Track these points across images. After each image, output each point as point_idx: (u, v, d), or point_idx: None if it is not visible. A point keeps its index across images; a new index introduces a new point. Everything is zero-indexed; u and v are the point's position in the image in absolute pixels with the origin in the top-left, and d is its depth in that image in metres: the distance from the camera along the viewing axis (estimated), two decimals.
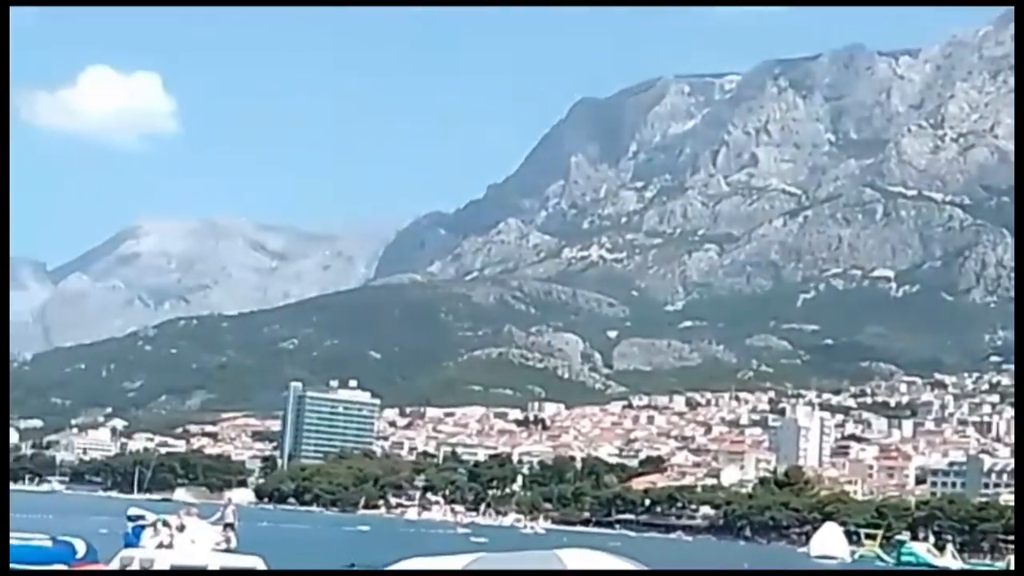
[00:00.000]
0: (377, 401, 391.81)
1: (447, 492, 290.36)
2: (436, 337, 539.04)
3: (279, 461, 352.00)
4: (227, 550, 32.95)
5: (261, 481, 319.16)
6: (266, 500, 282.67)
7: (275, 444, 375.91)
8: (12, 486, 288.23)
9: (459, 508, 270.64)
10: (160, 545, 32.06)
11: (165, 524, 32.55)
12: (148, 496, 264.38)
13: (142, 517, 33.85)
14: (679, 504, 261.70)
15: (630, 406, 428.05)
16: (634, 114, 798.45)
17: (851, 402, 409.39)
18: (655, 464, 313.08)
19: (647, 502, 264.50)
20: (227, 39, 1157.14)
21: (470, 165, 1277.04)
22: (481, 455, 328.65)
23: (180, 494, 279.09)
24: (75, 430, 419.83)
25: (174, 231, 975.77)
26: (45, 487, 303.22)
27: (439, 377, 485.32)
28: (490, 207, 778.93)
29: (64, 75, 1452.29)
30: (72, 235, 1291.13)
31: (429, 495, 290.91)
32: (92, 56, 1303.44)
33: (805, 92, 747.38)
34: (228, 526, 33.69)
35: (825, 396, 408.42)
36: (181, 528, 32.47)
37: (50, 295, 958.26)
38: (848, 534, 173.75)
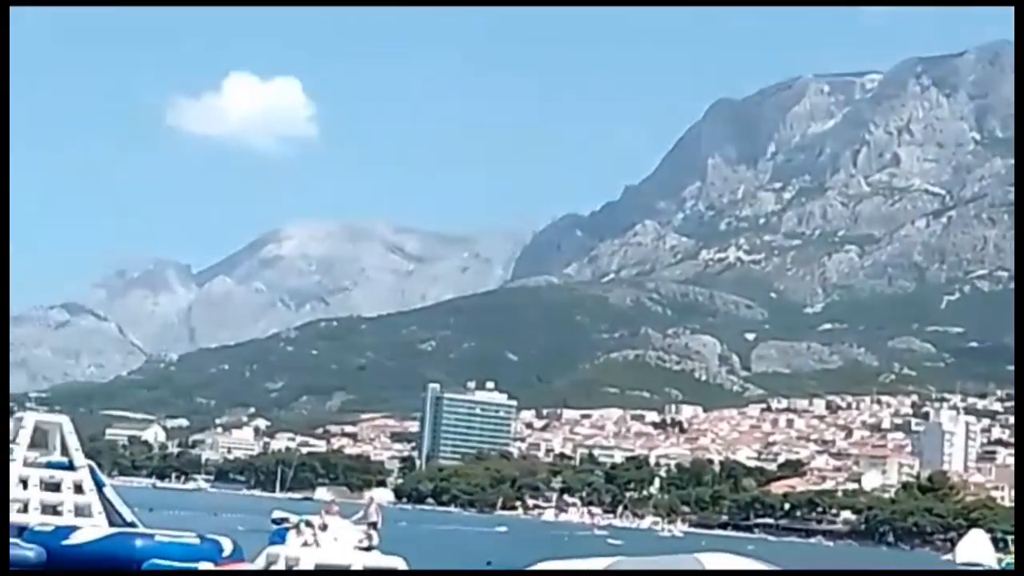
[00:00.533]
0: (514, 403, 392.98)
1: (584, 494, 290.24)
2: (572, 339, 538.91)
3: (417, 462, 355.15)
4: (369, 548, 33.44)
5: (400, 481, 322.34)
6: (405, 500, 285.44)
7: (413, 445, 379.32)
8: (159, 484, 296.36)
9: (596, 510, 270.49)
10: (305, 544, 32.67)
11: (308, 524, 33.13)
12: (290, 495, 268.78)
13: (286, 520, 34.53)
14: (819, 509, 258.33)
15: (769, 409, 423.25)
16: (772, 114, 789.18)
17: (997, 406, 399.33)
18: (794, 468, 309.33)
19: (786, 506, 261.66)
20: (365, 40, 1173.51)
21: (606, 167, 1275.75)
22: (618, 457, 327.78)
23: (321, 493, 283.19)
24: (219, 429, 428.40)
25: (314, 234, 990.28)
26: (191, 485, 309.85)
27: (576, 379, 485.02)
28: (626, 209, 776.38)
29: (208, 81, 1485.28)
30: (216, 238, 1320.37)
31: (566, 497, 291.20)
32: (234, 62, 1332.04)
33: (949, 90, 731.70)
34: (371, 525, 34.18)
35: (970, 400, 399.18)
36: (324, 528, 33.01)
37: (195, 297, 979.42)
38: (995, 541, 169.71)
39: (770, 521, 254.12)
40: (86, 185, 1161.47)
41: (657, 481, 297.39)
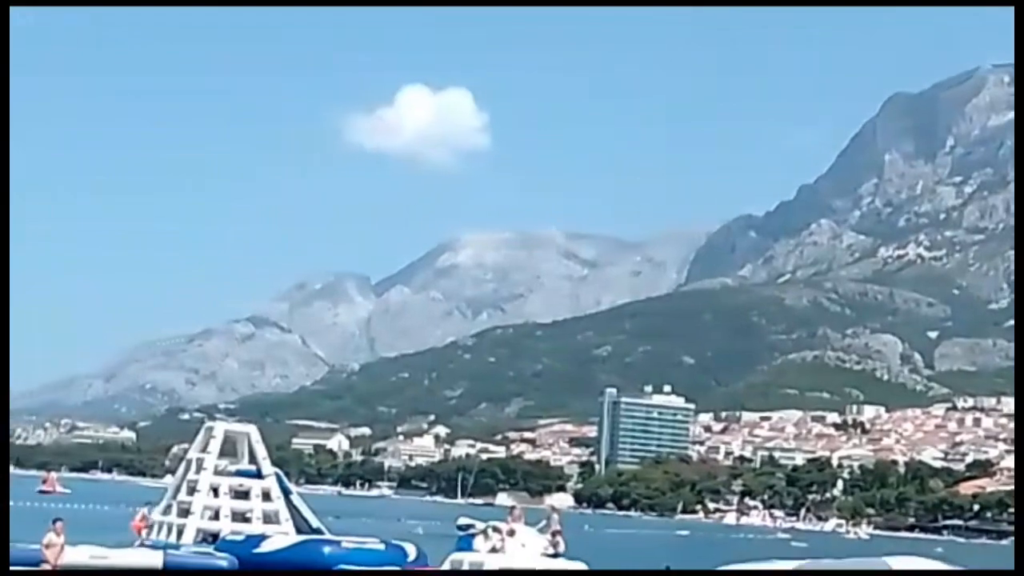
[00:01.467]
0: (691, 406, 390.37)
1: (765, 497, 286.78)
2: (749, 341, 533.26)
3: (596, 466, 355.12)
4: (556, 555, 33.60)
5: (579, 486, 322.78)
6: (584, 505, 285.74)
7: (592, 449, 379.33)
8: (344, 491, 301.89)
9: (778, 513, 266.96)
10: (493, 550, 32.96)
11: (495, 530, 33.40)
12: (471, 501, 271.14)
13: (472, 526, 34.85)
14: (1010, 509, 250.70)
15: (954, 408, 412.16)
16: (950, 107, 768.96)
17: None
18: (983, 468, 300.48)
19: (975, 507, 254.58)
20: (533, 47, 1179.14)
21: (780, 166, 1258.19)
22: (799, 459, 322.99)
23: (502, 499, 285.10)
24: (401, 437, 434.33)
25: (489, 242, 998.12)
26: (375, 492, 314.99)
27: (753, 381, 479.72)
28: (801, 208, 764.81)
29: (382, 96, 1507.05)
30: (393, 249, 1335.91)
31: (747, 500, 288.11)
32: (407, 76, 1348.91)
33: None
34: (554, 533, 34.34)
35: None
36: (512, 533, 33.26)
37: (374, 307, 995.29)
38: None
39: (959, 523, 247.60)
40: (269, 202, 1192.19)
41: (840, 483, 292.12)
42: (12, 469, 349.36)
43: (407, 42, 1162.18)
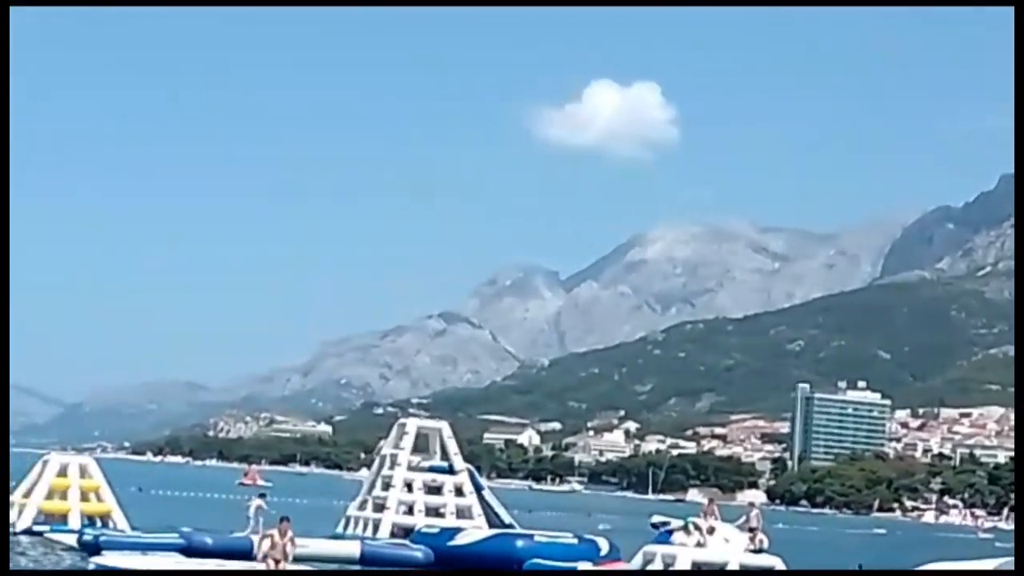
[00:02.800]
0: (888, 402, 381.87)
1: (966, 496, 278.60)
2: (948, 335, 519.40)
3: (789, 463, 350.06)
4: (757, 551, 33.32)
5: (772, 483, 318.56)
6: (777, 501, 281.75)
7: (784, 446, 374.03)
8: (535, 486, 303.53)
9: (979, 512, 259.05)
10: (699, 544, 32.85)
11: (696, 527, 33.26)
12: (661, 497, 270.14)
13: (667, 523, 34.76)
14: None
15: None
16: None
17: None
18: None
19: None
20: (719, 40, 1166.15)
21: (979, 156, 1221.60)
22: (1001, 457, 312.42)
23: (693, 495, 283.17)
24: (591, 432, 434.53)
25: (678, 237, 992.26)
26: (565, 487, 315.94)
27: (952, 376, 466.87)
28: (1002, 198, 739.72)
29: (570, 92, 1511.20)
30: (582, 244, 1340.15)
31: (946, 498, 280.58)
32: (595, 72, 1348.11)
33: None
34: (751, 530, 34.04)
35: None
36: (712, 530, 33.11)
37: (563, 303, 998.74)
38: None
39: None
40: (459, 199, 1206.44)
41: None
42: (215, 462, 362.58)
43: (595, 38, 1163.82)
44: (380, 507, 42.20)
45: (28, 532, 36.32)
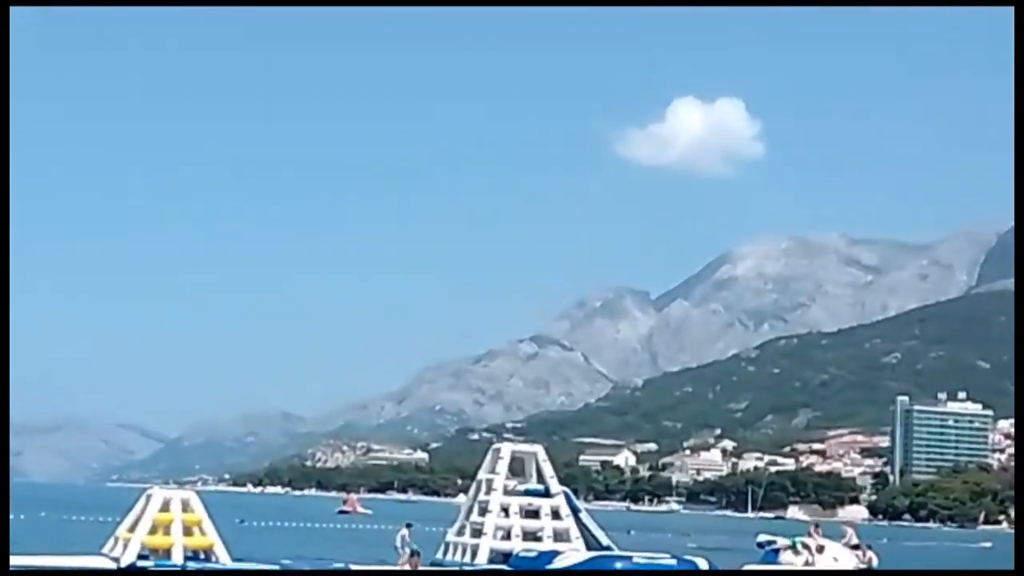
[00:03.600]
0: (990, 412, 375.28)
1: None
2: None
3: (890, 477, 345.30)
4: (868, 570, 33.03)
5: (873, 497, 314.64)
6: (880, 516, 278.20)
7: (885, 460, 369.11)
8: (633, 507, 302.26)
9: None
10: (806, 563, 32.61)
11: (805, 546, 33.02)
12: (761, 515, 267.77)
13: (773, 542, 34.52)
14: None
15: None
16: None
17: None
18: None
19: None
20: (802, 52, 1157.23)
21: None
22: None
23: (793, 512, 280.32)
24: (687, 452, 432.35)
25: (768, 252, 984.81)
26: (663, 507, 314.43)
27: None
28: None
29: (653, 110, 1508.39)
30: (671, 263, 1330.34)
31: None
32: (677, 89, 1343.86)
33: None
34: (856, 547, 33.79)
35: None
36: (821, 549, 32.85)
37: (655, 322, 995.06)
38: None
39: None
40: (544, 221, 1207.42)
41: None
42: (313, 492, 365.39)
43: (675, 57, 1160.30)
44: (478, 532, 42.29)
45: (132, 568, 36.89)
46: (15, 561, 37.24)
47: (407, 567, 29.18)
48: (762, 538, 35.95)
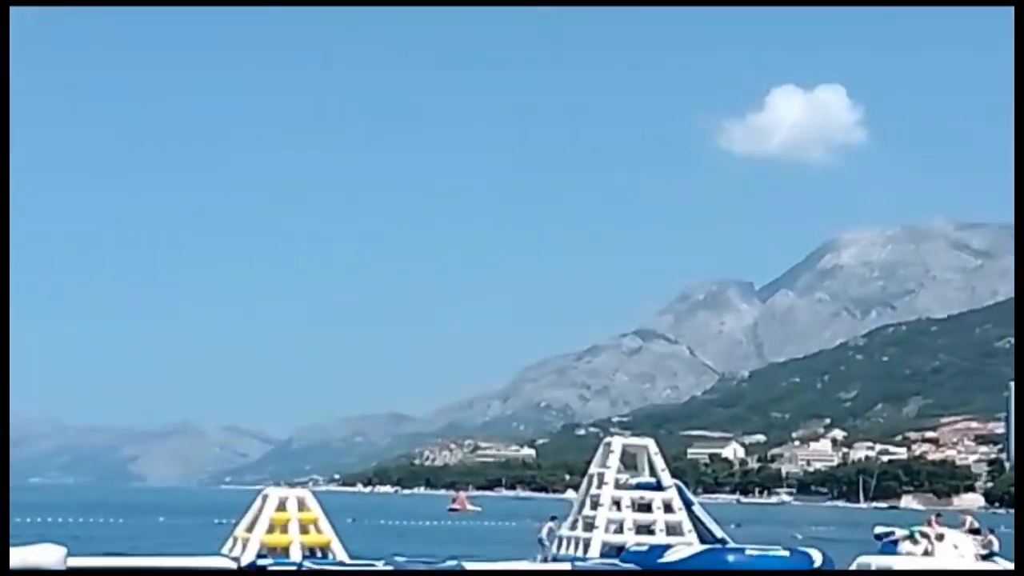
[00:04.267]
0: None
1: None
2: None
3: (1006, 464, 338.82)
4: (989, 555, 32.62)
5: (989, 485, 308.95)
6: (996, 504, 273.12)
7: (1000, 446, 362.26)
8: (743, 499, 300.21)
9: None
10: (926, 553, 32.25)
11: (924, 535, 32.64)
12: (874, 505, 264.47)
13: (891, 533, 34.16)
14: None
15: None
16: None
17: None
18: None
19: None
20: (903, 35, 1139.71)
21: None
22: None
23: (907, 501, 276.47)
24: (796, 442, 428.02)
25: (873, 240, 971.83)
26: (773, 499, 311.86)
27: None
28: None
29: (752, 99, 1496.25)
30: (774, 254, 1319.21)
31: None
32: (776, 78, 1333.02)
33: None
34: (975, 531, 33.35)
35: None
36: (940, 537, 32.45)
37: (759, 313, 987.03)
38: None
39: None
40: (645, 215, 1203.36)
41: None
42: (422, 490, 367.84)
43: (773, 45, 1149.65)
44: (590, 526, 42.38)
45: (252, 567, 37.56)
46: (137, 563, 38.16)
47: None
48: (879, 529, 35.54)
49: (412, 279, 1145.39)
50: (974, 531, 33.42)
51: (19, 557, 32.33)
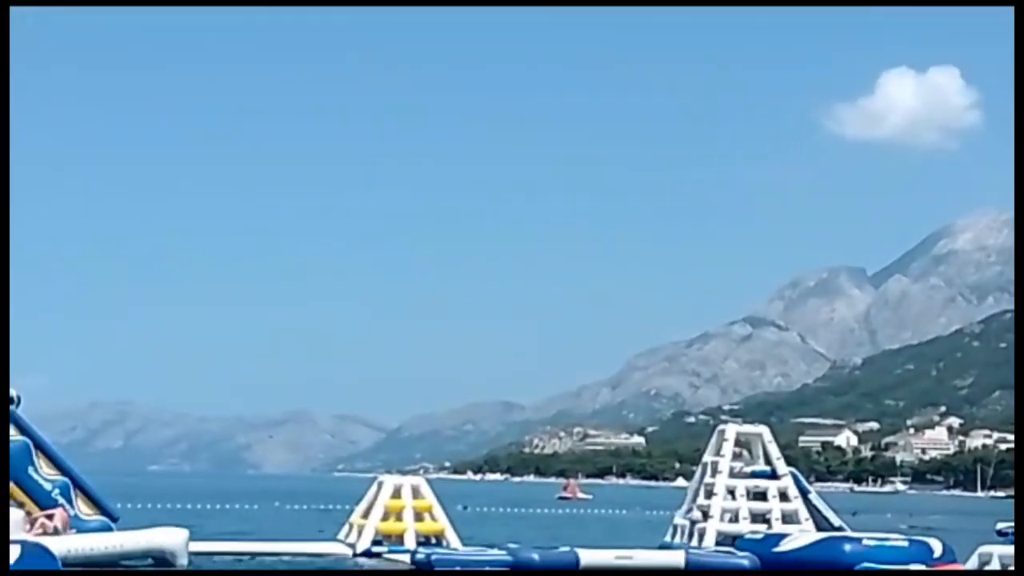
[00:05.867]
0: None
1: None
2: None
3: None
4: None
5: None
6: None
7: None
8: (856, 488, 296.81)
9: None
10: None
11: None
12: (991, 494, 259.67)
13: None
14: None
15: None
16: None
17: None
18: None
19: None
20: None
21: None
22: None
23: None
24: (911, 430, 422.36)
25: (990, 224, 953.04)
26: (887, 488, 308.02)
27: None
28: None
29: (862, 84, 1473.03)
30: (887, 239, 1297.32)
31: None
32: (887, 61, 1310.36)
33: None
34: None
35: None
36: None
37: (872, 300, 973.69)
38: None
39: None
40: (755, 201, 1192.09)
41: None
42: (532, 478, 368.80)
43: (884, 27, 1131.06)
44: (704, 515, 42.23)
45: (367, 553, 38.06)
46: (256, 547, 38.84)
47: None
48: (1001, 526, 34.93)
49: (522, 268, 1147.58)
50: None
51: (144, 538, 33.11)
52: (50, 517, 33.36)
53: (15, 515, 32.65)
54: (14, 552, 22.77)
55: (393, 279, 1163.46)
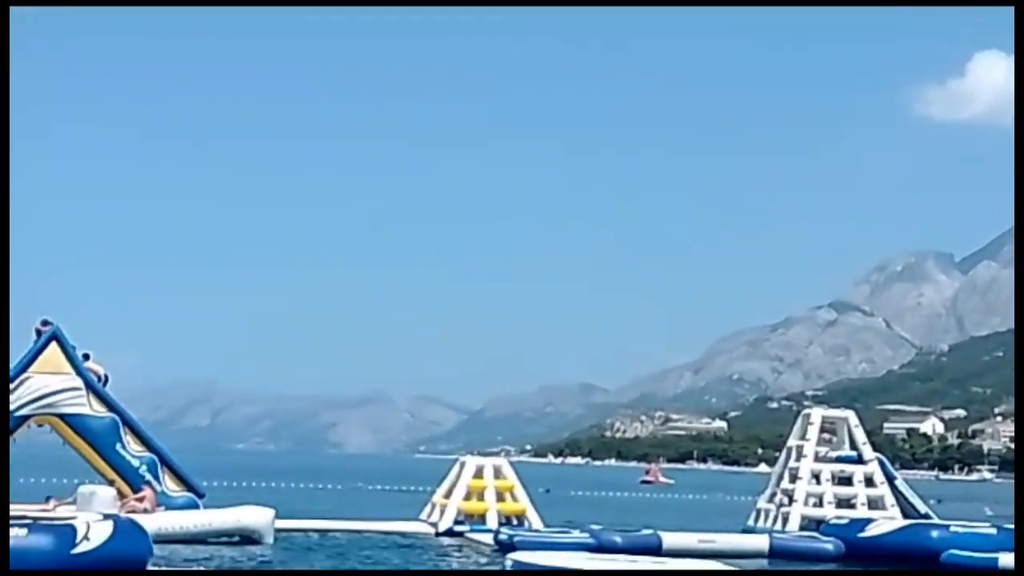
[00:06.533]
0: None
1: None
2: None
3: None
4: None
5: None
6: None
7: None
8: (942, 476, 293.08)
9: None
10: None
11: None
12: None
13: None
14: None
15: None
16: None
17: None
18: None
19: None
20: None
21: None
22: None
23: None
24: (999, 418, 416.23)
25: None
26: (974, 476, 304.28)
27: None
28: None
29: (952, 66, 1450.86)
30: (976, 223, 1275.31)
31: None
32: (978, 43, 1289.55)
33: None
34: None
35: None
36: None
37: (960, 285, 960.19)
38: None
39: None
40: (840, 184, 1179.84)
41: None
42: (613, 461, 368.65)
43: (977, 5, 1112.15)
44: (789, 499, 41.97)
45: (449, 532, 38.29)
46: (341, 525, 39.22)
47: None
48: None
49: (608, 252, 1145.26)
50: None
51: (232, 516, 33.52)
52: (140, 499, 33.92)
53: (106, 492, 33.25)
54: (107, 528, 22.98)
55: (469, 262, 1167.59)
